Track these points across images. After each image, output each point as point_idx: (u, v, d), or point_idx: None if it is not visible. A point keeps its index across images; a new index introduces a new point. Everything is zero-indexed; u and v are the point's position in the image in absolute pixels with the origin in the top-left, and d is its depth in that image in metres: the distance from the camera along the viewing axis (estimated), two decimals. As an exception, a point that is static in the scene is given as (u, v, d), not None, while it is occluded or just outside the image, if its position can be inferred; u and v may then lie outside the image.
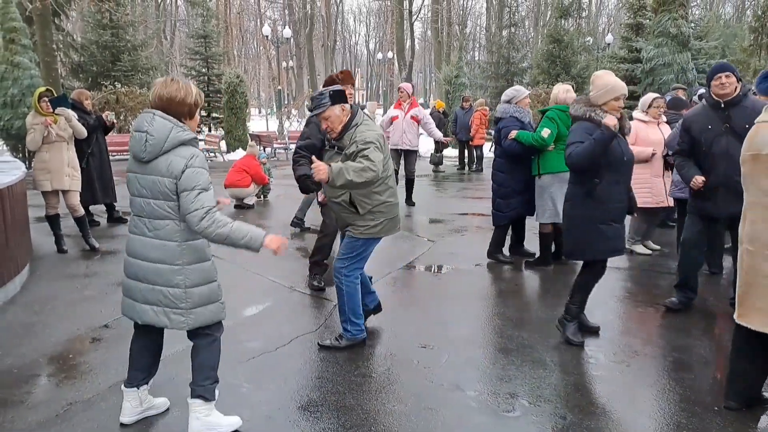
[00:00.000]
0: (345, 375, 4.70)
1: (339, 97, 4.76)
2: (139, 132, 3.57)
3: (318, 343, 5.16)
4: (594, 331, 5.45)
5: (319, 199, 6.63)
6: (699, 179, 5.63)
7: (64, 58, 26.88)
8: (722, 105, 5.54)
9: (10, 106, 18.37)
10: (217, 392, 3.86)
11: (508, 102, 7.67)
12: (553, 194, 7.19)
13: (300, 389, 4.46)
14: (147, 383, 4.00)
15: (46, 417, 4.06)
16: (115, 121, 10.48)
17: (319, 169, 4.57)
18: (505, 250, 8.01)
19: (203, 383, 3.78)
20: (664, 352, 5.15)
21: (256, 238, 3.67)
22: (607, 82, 5.01)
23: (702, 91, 7.45)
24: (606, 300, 6.26)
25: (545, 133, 6.97)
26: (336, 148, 4.95)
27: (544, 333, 5.51)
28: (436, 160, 18.92)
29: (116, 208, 10.68)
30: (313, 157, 4.80)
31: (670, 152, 7.15)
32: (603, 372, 4.78)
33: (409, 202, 12.20)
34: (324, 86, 6.80)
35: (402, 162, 12.07)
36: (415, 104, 12.13)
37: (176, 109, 3.61)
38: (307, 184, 6.36)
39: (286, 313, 6.15)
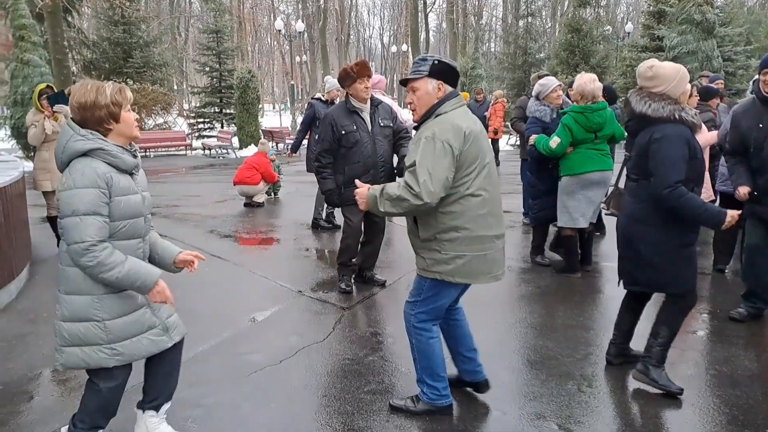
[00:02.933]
0: (353, 392, 4.30)
1: (444, 73, 3.65)
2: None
3: (389, 404, 4.07)
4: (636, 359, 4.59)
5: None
6: (743, 191, 5.18)
7: (76, 55, 26.73)
8: None
9: (20, 104, 18.28)
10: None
11: (536, 98, 7.24)
12: (571, 197, 6.73)
13: (304, 409, 4.08)
14: (153, 408, 3.59)
15: (28, 442, 3.73)
16: None
17: (360, 196, 3.70)
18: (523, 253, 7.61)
19: (76, 424, 3.31)
20: (706, 365, 4.70)
21: (147, 286, 3.10)
22: (674, 68, 4.13)
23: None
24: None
25: (554, 143, 6.52)
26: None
27: (571, 343, 5.09)
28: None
29: None
30: (357, 182, 3.86)
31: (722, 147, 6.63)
32: (638, 387, 4.31)
33: None
34: (339, 80, 6.47)
35: None
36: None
37: (93, 114, 3.04)
38: (334, 201, 6.17)
39: (292, 321, 5.78)
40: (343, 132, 6.11)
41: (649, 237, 4.12)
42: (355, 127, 6.15)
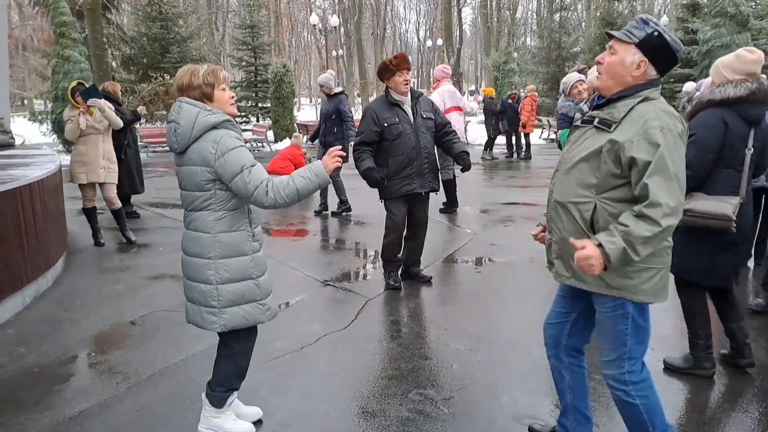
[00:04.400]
0: (371, 378, 4.44)
1: (658, 50, 2.80)
2: (169, 122, 3.38)
3: None
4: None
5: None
6: None
7: (115, 51, 27.21)
8: None
9: (61, 100, 18.63)
10: (230, 400, 3.67)
11: (564, 94, 7.29)
12: None
13: (322, 393, 4.23)
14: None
15: (58, 420, 3.91)
16: (145, 113, 10.49)
17: (589, 259, 2.67)
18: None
19: (214, 388, 3.62)
20: (717, 355, 4.61)
21: (320, 172, 3.34)
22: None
23: None
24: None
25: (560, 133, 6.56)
26: (597, 121, 2.89)
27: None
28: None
29: (131, 202, 10.49)
30: (575, 242, 2.75)
31: None
32: (664, 384, 4.18)
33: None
34: (378, 73, 6.35)
35: None
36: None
37: (190, 95, 3.35)
38: (374, 177, 6.02)
39: (316, 310, 5.94)
40: (386, 124, 6.04)
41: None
42: (397, 119, 6.08)
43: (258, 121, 27.82)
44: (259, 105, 28.22)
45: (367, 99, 41.32)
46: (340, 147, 3.51)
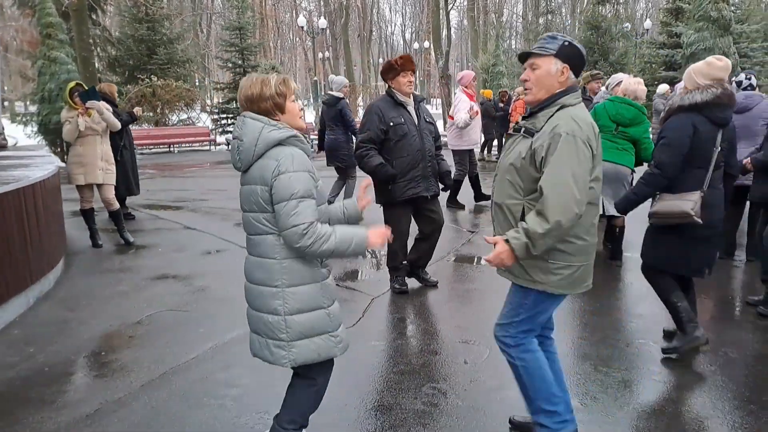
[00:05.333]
0: (383, 373, 4.52)
1: (572, 56, 3.20)
2: (233, 139, 3.15)
3: None
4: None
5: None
6: None
7: (101, 52, 27.13)
8: None
9: (47, 101, 18.57)
10: None
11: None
12: None
13: (336, 387, 4.21)
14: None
15: (76, 418, 3.95)
16: (141, 114, 10.46)
17: (499, 255, 3.16)
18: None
19: (284, 425, 3.30)
20: (715, 347, 4.86)
21: (361, 243, 3.07)
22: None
23: (743, 77, 7.07)
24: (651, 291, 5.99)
25: None
26: (523, 130, 3.26)
27: (590, 327, 5.31)
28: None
29: (126, 204, 10.45)
30: (487, 238, 3.33)
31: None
32: (653, 367, 4.55)
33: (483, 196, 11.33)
34: (382, 72, 6.28)
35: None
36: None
37: (259, 107, 3.07)
38: (387, 171, 5.86)
39: (321, 309, 5.97)
40: (392, 123, 5.92)
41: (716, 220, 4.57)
42: (402, 119, 5.98)
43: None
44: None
45: (354, 101, 41.33)
46: (390, 229, 3.29)
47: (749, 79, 7.09)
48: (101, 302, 6.19)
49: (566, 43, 3.19)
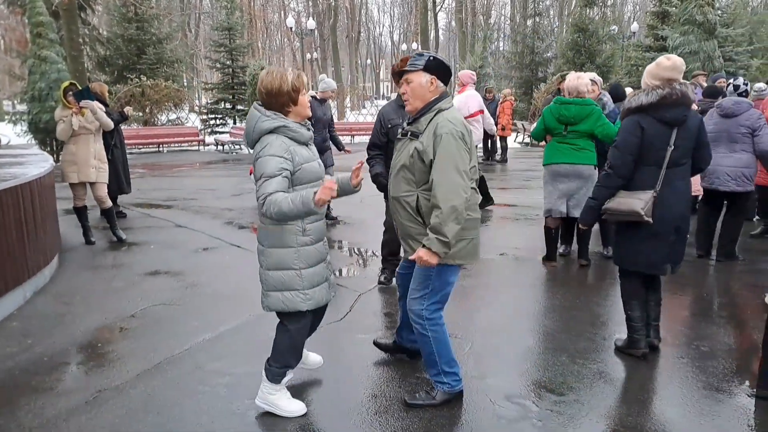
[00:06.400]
0: (369, 363, 4.73)
1: (438, 68, 3.81)
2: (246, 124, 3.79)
3: (406, 402, 4.09)
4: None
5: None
6: None
7: (91, 52, 27.18)
8: None
9: (38, 100, 18.63)
10: (286, 378, 4.04)
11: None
12: (545, 187, 7.18)
13: (323, 377, 4.49)
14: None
15: (76, 404, 4.13)
16: (132, 113, 10.60)
17: (420, 259, 3.73)
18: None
19: (270, 363, 3.99)
20: (688, 340, 5.14)
21: (307, 201, 3.47)
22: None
23: (741, 81, 7.25)
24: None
25: (531, 127, 6.95)
26: (409, 134, 3.88)
27: (566, 322, 5.55)
28: None
29: (118, 203, 10.58)
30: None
31: None
32: (628, 360, 4.77)
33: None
34: (392, 74, 6.59)
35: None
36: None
37: (277, 100, 3.67)
38: (381, 183, 5.97)
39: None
40: (390, 126, 6.05)
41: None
42: (401, 120, 5.98)
43: (235, 123, 27.86)
44: (237, 107, 28.28)
45: (342, 102, 41.46)
46: (335, 180, 3.70)
47: (746, 84, 7.26)
48: (96, 296, 6.36)
49: (431, 59, 3.82)
